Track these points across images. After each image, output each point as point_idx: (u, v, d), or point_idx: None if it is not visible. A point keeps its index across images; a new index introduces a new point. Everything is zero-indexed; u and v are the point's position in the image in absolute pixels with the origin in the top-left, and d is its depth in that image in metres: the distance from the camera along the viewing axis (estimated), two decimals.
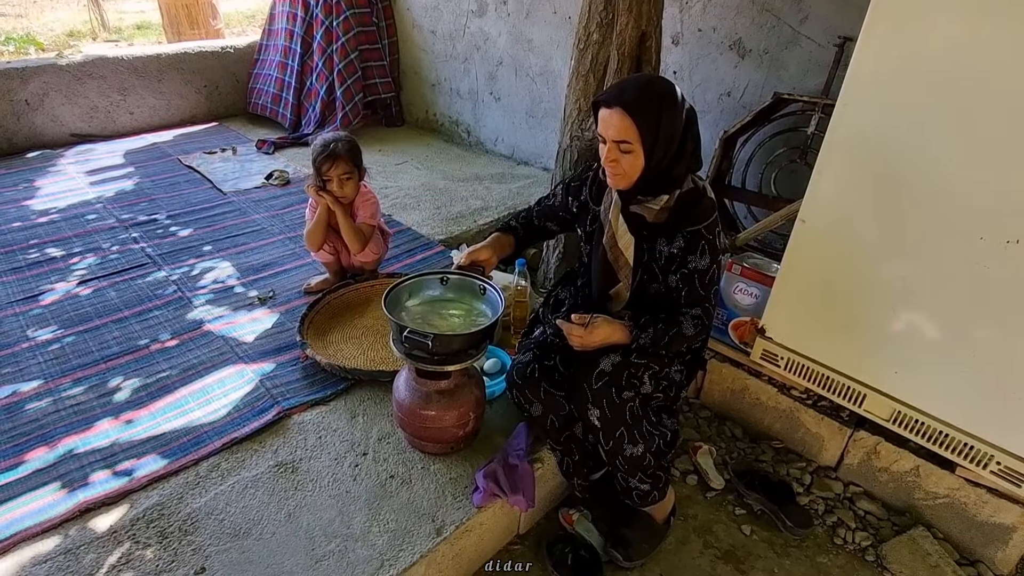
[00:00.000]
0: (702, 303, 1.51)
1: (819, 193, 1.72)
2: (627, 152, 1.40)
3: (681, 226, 1.48)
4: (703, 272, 1.48)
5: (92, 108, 3.97)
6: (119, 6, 9.73)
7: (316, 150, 2.15)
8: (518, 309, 2.17)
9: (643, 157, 1.40)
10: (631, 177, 1.44)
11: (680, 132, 1.40)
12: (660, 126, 1.37)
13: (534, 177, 3.63)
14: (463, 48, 3.94)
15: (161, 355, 2.04)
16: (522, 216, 1.82)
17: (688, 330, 1.50)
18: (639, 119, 1.36)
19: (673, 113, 1.39)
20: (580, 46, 2.35)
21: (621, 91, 1.40)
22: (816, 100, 2.39)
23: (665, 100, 1.38)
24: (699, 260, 1.47)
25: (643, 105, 1.36)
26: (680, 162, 1.43)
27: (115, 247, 2.71)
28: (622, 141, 1.38)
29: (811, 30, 2.45)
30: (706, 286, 1.50)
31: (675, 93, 1.40)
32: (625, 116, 1.36)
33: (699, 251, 1.47)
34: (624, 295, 1.65)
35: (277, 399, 1.85)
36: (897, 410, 1.75)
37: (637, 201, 1.50)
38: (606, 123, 1.40)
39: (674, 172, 1.44)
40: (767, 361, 2.00)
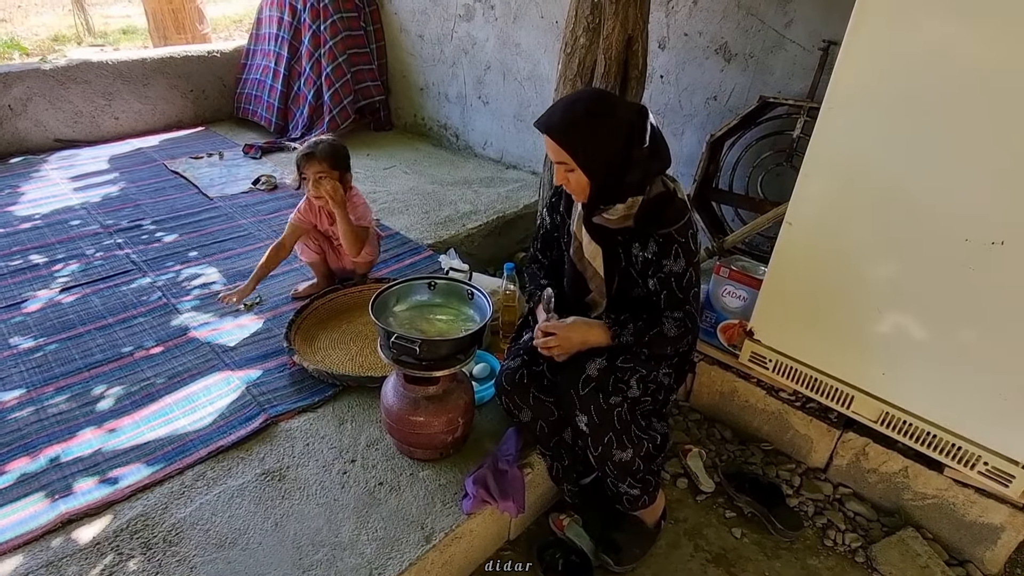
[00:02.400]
0: (682, 306, 1.50)
1: (805, 196, 1.72)
2: (570, 171, 1.42)
3: (651, 229, 1.47)
4: (679, 275, 1.48)
5: (76, 113, 3.93)
6: (104, 10, 9.65)
7: (298, 153, 2.15)
8: (507, 313, 2.17)
9: (585, 174, 1.41)
10: (584, 191, 1.45)
11: (621, 143, 1.38)
12: (589, 145, 1.37)
13: (523, 181, 3.63)
14: (451, 52, 3.94)
15: (146, 362, 2.01)
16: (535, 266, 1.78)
17: (670, 331, 1.49)
18: (565, 142, 1.37)
19: (604, 129, 1.37)
20: (567, 50, 2.36)
21: (550, 115, 1.43)
22: (802, 103, 2.41)
23: (593, 118, 1.37)
24: (673, 263, 1.47)
25: (568, 128, 1.38)
26: (630, 170, 1.40)
27: (99, 253, 2.67)
28: (560, 162, 1.41)
29: (796, 34, 2.47)
30: (684, 288, 1.49)
31: (605, 107, 1.39)
32: (554, 142, 1.39)
33: (672, 254, 1.46)
34: (600, 302, 1.67)
35: (264, 406, 1.83)
36: (885, 411, 1.76)
37: (598, 212, 1.50)
38: (547, 146, 1.44)
39: (626, 180, 1.41)
40: (756, 363, 2.01)
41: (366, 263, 2.38)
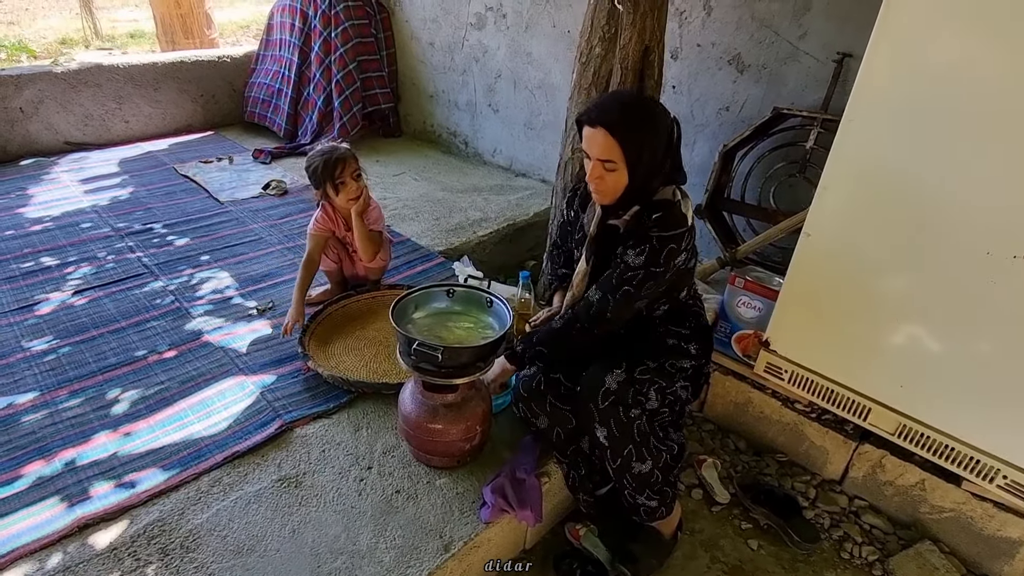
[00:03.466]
0: (607, 292, 1.45)
1: (824, 208, 1.73)
2: (611, 171, 1.40)
3: (637, 231, 1.45)
4: (628, 267, 1.42)
5: (87, 116, 3.94)
6: (112, 14, 9.70)
7: (319, 161, 2.12)
8: (521, 322, 2.16)
9: (627, 175, 1.40)
10: (615, 193, 1.44)
11: (662, 150, 1.40)
12: (643, 145, 1.37)
13: (532, 189, 3.64)
14: (462, 60, 3.96)
15: (159, 366, 2.00)
16: (556, 255, 1.85)
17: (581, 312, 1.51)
18: (623, 139, 1.35)
19: (654, 132, 1.39)
20: (582, 60, 2.36)
21: (604, 110, 1.39)
22: (815, 115, 2.42)
23: (647, 119, 1.39)
24: (635, 257, 1.42)
25: (627, 125, 1.36)
26: (656, 176, 1.43)
27: (111, 256, 2.67)
28: (606, 160, 1.38)
29: (810, 46, 2.48)
30: (622, 280, 1.43)
31: (655, 110, 1.41)
32: (608, 136, 1.36)
33: (639, 250, 1.42)
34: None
35: (279, 412, 1.82)
36: (903, 424, 1.75)
37: (617, 215, 1.50)
38: (590, 141, 1.40)
39: (650, 186, 1.45)
40: (771, 374, 2.01)
41: (379, 268, 2.38)
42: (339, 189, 2.13)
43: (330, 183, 2.12)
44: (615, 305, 1.45)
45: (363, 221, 2.18)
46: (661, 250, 1.42)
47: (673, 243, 1.42)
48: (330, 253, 2.30)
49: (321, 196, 2.19)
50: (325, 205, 2.22)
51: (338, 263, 2.32)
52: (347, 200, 2.15)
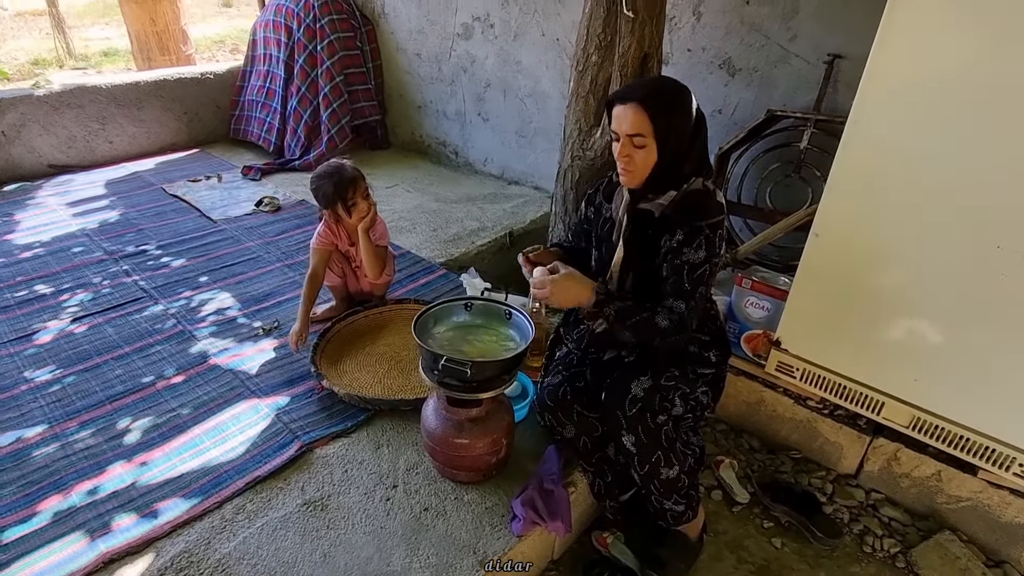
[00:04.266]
0: (686, 299, 1.43)
1: (832, 208, 1.76)
2: (640, 147, 1.42)
3: (684, 219, 1.46)
4: (694, 266, 1.43)
5: (70, 138, 3.86)
6: (84, 33, 9.54)
7: (329, 185, 2.09)
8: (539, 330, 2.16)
9: (656, 152, 1.42)
10: (643, 173, 1.45)
11: (691, 130, 1.43)
12: (672, 120, 1.40)
13: (526, 196, 3.65)
14: (449, 71, 3.96)
15: (169, 392, 1.97)
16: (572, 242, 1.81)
17: (662, 321, 1.41)
18: (653, 112, 1.39)
19: (685, 110, 1.42)
20: (579, 68, 2.38)
21: (635, 88, 1.46)
22: (808, 116, 2.46)
23: (677, 97, 1.43)
24: (694, 253, 1.43)
25: (657, 99, 1.40)
26: (689, 159, 1.45)
27: (106, 281, 2.62)
28: (636, 135, 1.40)
29: (800, 48, 2.53)
30: (694, 281, 1.43)
31: (686, 92, 1.45)
32: (640, 110, 1.39)
33: (695, 244, 1.43)
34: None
35: (296, 433, 1.80)
36: (917, 417, 1.78)
37: (647, 199, 1.51)
38: (620, 118, 1.43)
39: (683, 170, 1.46)
40: (782, 373, 2.03)
41: (384, 284, 2.37)
42: (351, 211, 2.13)
43: (342, 205, 2.12)
44: (697, 309, 1.45)
45: (369, 238, 2.17)
46: (715, 238, 1.44)
47: (720, 229, 1.46)
48: (334, 268, 2.28)
49: (331, 216, 2.18)
50: (328, 220, 2.20)
51: (342, 278, 2.30)
52: (359, 219, 2.15)
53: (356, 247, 2.23)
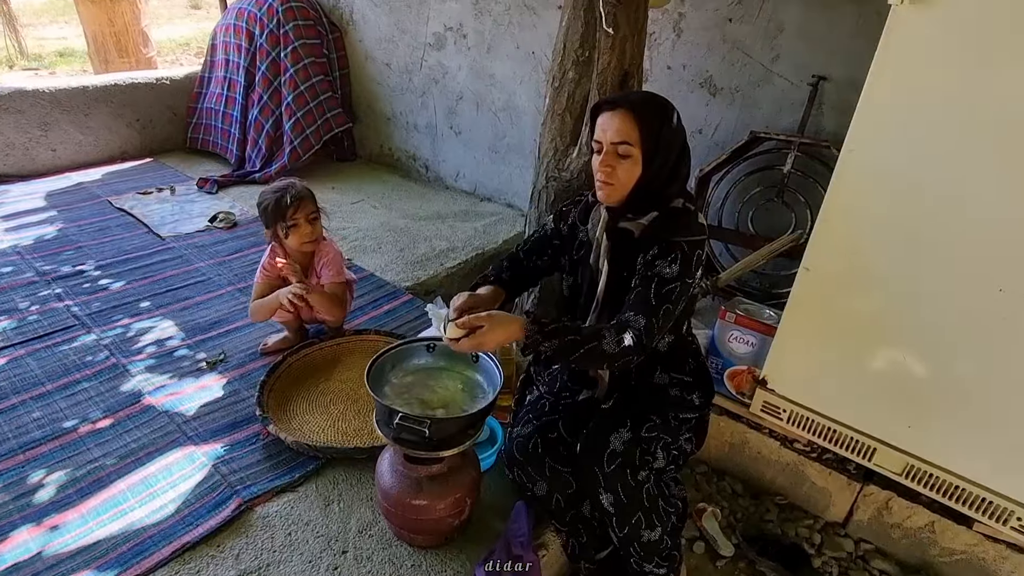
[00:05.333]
0: (648, 315, 1.26)
1: (824, 241, 1.64)
2: (625, 157, 1.30)
3: (662, 236, 1.33)
4: (664, 280, 1.28)
5: (8, 145, 3.59)
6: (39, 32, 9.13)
7: (272, 200, 1.92)
8: (504, 367, 2.00)
9: (640, 165, 1.31)
10: (624, 188, 1.33)
11: (677, 147, 1.34)
12: (661, 132, 1.30)
13: (499, 214, 3.49)
14: (420, 82, 3.80)
15: (92, 439, 1.75)
16: (505, 267, 1.60)
17: (609, 346, 1.24)
18: (642, 120, 1.29)
19: (672, 125, 1.33)
20: (555, 84, 2.25)
21: (625, 95, 1.37)
22: (792, 138, 2.36)
23: (665, 110, 1.33)
24: (667, 266, 1.29)
25: (647, 108, 1.31)
26: (674, 182, 1.35)
27: (34, 306, 2.38)
28: (622, 142, 1.30)
29: (783, 68, 2.43)
30: (661, 296, 1.27)
31: (673, 107, 1.36)
32: (628, 116, 1.29)
33: (670, 258, 1.29)
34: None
35: (236, 488, 1.60)
36: (910, 464, 1.67)
37: (627, 219, 1.38)
38: (606, 125, 1.32)
39: (666, 192, 1.35)
40: (768, 413, 1.90)
41: (341, 316, 2.18)
42: (289, 232, 1.95)
43: (281, 223, 1.93)
44: (659, 328, 1.29)
45: (323, 295, 2.00)
46: (692, 257, 1.31)
47: (699, 250, 1.33)
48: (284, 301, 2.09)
49: (271, 236, 1.99)
50: (275, 247, 2.02)
51: (293, 311, 2.11)
52: (299, 243, 1.97)
53: (310, 279, 2.05)
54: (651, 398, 1.49)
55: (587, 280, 1.50)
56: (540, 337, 1.25)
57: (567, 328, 1.27)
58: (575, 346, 1.25)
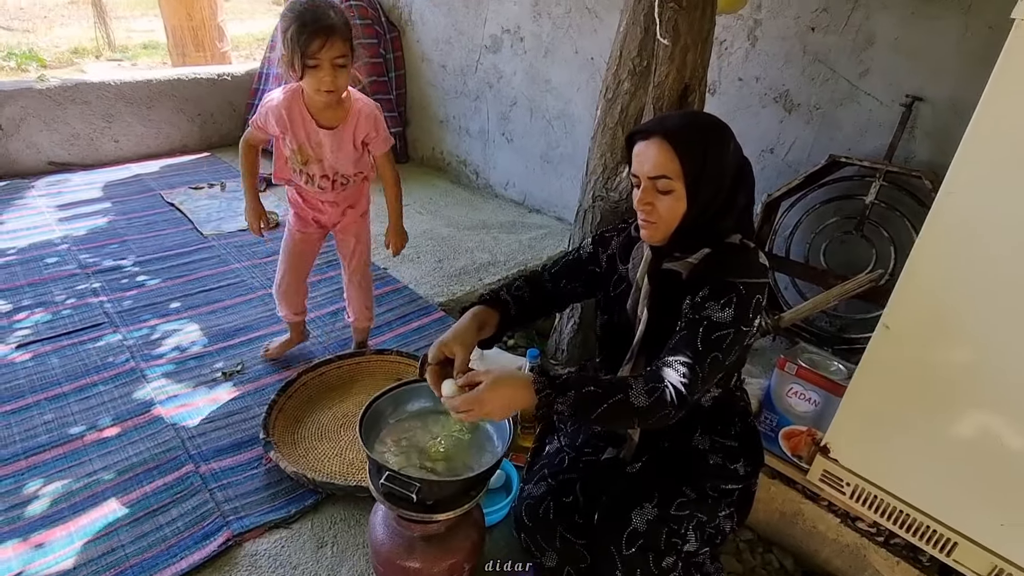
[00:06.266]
0: (693, 363, 1.06)
1: (910, 296, 1.38)
2: (666, 192, 1.11)
3: (713, 276, 1.12)
4: (715, 325, 1.08)
5: (73, 135, 3.69)
6: (129, 24, 9.61)
7: (295, 23, 1.50)
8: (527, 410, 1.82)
9: (684, 199, 1.11)
10: (668, 226, 1.14)
11: (730, 175, 1.14)
12: (706, 160, 1.10)
13: (547, 228, 3.31)
14: (475, 85, 3.67)
15: (96, 449, 1.69)
16: (517, 286, 1.38)
17: (639, 398, 1.03)
18: (681, 149, 1.09)
19: (721, 149, 1.13)
20: (608, 95, 2.06)
21: (661, 120, 1.17)
22: (878, 165, 2.08)
23: (713, 133, 1.14)
24: (719, 310, 1.09)
25: (687, 134, 1.11)
26: (727, 215, 1.15)
27: (71, 300, 2.38)
28: (660, 176, 1.10)
29: (872, 86, 2.14)
30: (710, 343, 1.07)
31: (724, 128, 1.15)
32: (665, 145, 1.10)
33: (724, 301, 1.09)
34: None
35: (228, 518, 1.50)
36: (998, 567, 1.38)
37: (673, 258, 1.18)
38: (642, 157, 1.13)
39: (720, 226, 1.15)
40: (828, 485, 1.65)
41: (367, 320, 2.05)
42: (306, 73, 1.54)
43: (298, 57, 1.52)
44: (703, 378, 1.08)
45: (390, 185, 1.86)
46: (750, 301, 1.10)
47: (760, 294, 1.12)
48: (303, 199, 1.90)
49: (287, 68, 1.59)
50: (292, 91, 1.66)
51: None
52: (315, 89, 1.58)
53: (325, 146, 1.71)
54: (686, 464, 1.28)
55: (623, 325, 1.31)
56: (552, 391, 1.05)
57: (584, 378, 1.08)
58: (596, 400, 1.04)
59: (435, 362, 1.19)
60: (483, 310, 1.30)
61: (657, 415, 1.05)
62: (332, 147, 1.73)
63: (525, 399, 1.07)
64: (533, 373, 1.10)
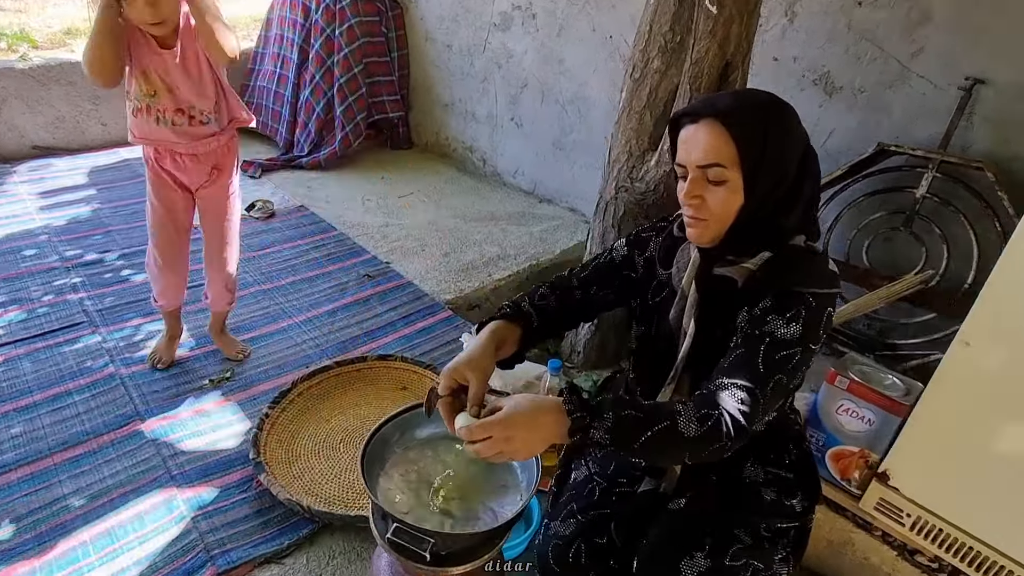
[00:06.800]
0: (753, 388, 0.90)
1: (992, 309, 1.19)
2: (718, 183, 0.94)
3: (776, 284, 0.95)
4: (780, 343, 0.91)
5: (58, 118, 3.49)
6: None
7: None
8: None
9: (741, 191, 0.94)
10: (721, 223, 0.96)
11: (794, 163, 0.96)
12: (766, 144, 0.92)
13: (559, 219, 3.12)
14: (482, 66, 3.45)
15: (67, 469, 1.52)
16: (541, 294, 1.19)
17: (689, 427, 0.87)
18: (737, 131, 0.92)
19: (784, 131, 0.95)
20: (635, 75, 1.86)
21: (711, 99, 0.99)
22: (932, 155, 1.88)
23: (773, 111, 0.96)
24: (784, 326, 0.92)
25: (744, 114, 0.94)
26: (791, 210, 0.97)
27: (48, 296, 2.20)
28: (712, 165, 0.93)
29: (925, 67, 1.94)
30: (773, 364, 0.91)
31: (786, 107, 0.98)
32: (718, 127, 0.93)
33: (790, 315, 0.92)
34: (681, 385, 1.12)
35: (212, 552, 1.33)
36: None
37: (725, 262, 1.00)
38: (690, 143, 0.96)
39: (782, 222, 0.96)
40: (885, 514, 1.47)
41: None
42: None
43: None
44: (765, 405, 0.91)
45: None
46: (820, 316, 0.93)
47: (831, 307, 0.95)
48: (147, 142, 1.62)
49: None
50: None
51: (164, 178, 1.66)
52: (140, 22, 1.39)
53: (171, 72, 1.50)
54: (736, 500, 1.11)
55: (663, 339, 1.12)
56: (586, 414, 0.88)
57: (622, 401, 0.90)
58: (638, 427, 0.87)
59: (447, 392, 1.01)
60: (502, 326, 1.12)
61: (710, 447, 0.88)
62: (180, 74, 1.53)
63: (556, 428, 0.90)
64: (564, 394, 0.92)
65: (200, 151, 1.66)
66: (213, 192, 1.75)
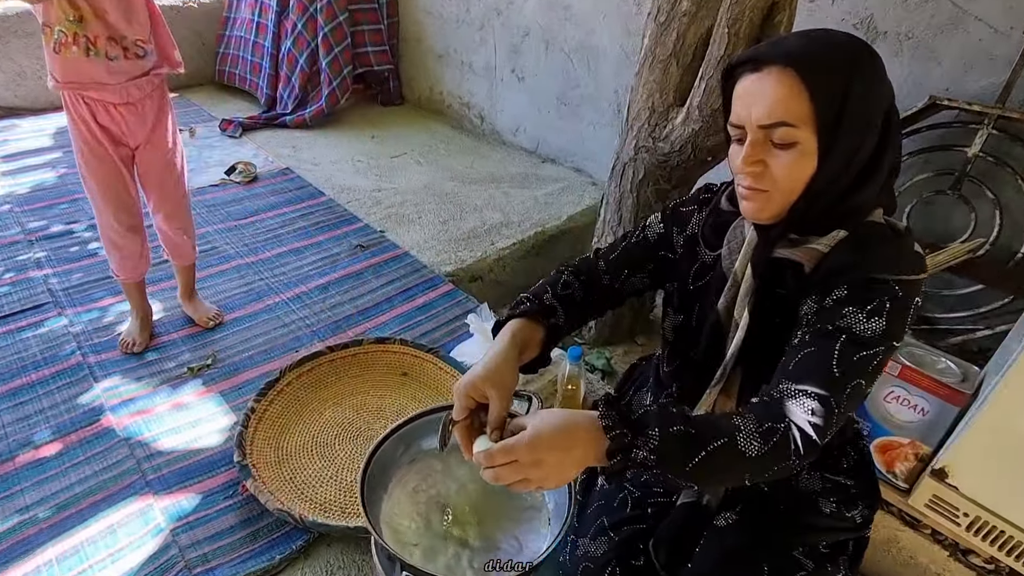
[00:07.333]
0: (828, 395, 0.74)
1: None
2: (786, 146, 0.76)
3: (854, 268, 0.78)
4: (859, 341, 0.76)
5: (19, 74, 3.21)
6: None
7: None
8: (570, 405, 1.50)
9: (814, 156, 0.76)
10: (786, 195, 0.79)
11: (878, 123, 0.77)
12: (847, 99, 0.75)
13: (565, 181, 2.91)
14: (480, 11, 3.17)
15: (30, 475, 1.36)
16: (564, 282, 1.02)
17: (751, 444, 0.72)
18: (813, 81, 0.74)
19: (870, 84, 0.76)
20: (659, 18, 1.65)
21: (777, 42, 0.80)
22: (988, 110, 1.69)
23: (858, 58, 0.77)
24: (864, 318, 0.76)
25: (822, 60, 0.76)
26: (871, 181, 0.79)
27: (8, 274, 2.00)
28: (778, 124, 0.75)
29: (984, 8, 1.72)
30: (851, 367, 0.75)
31: (873, 54, 0.78)
32: (789, 76, 0.75)
33: (871, 306, 0.76)
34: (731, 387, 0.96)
35: (193, 570, 1.18)
36: None
37: (789, 242, 0.83)
38: (751, 97, 0.78)
39: (859, 198, 0.80)
40: (939, 512, 1.34)
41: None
42: None
43: None
44: (841, 414, 0.75)
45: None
46: (907, 307, 0.78)
47: (918, 296, 0.79)
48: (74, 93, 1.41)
49: None
50: None
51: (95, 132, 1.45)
52: None
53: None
54: (794, 514, 0.97)
55: (708, 330, 0.95)
56: (627, 431, 0.72)
57: (667, 413, 0.74)
58: (690, 446, 0.72)
59: (463, 416, 0.83)
60: (523, 326, 0.94)
61: (775, 467, 0.73)
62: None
63: (592, 448, 0.74)
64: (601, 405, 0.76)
65: (136, 97, 1.45)
66: (153, 148, 1.56)
